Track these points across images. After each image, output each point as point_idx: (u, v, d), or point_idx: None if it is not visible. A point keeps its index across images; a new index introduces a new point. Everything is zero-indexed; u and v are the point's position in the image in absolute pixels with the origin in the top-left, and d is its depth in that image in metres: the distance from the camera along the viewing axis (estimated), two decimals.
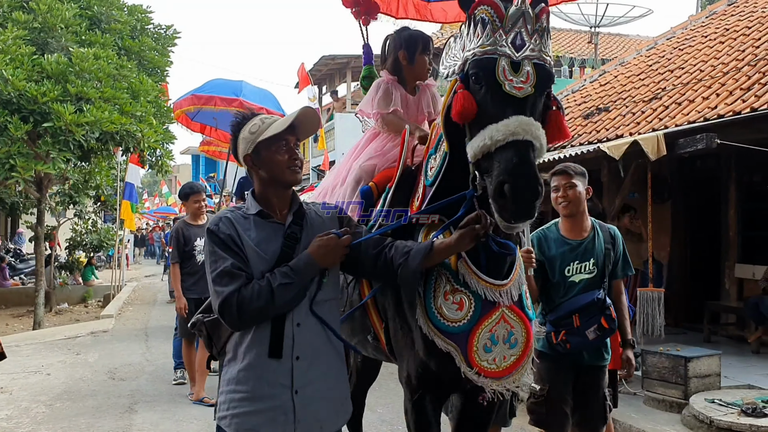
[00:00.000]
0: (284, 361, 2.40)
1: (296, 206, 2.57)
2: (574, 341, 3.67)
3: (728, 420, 5.17)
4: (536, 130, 2.37)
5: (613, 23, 16.85)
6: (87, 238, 17.99)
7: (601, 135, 8.87)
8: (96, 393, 7.22)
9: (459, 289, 2.67)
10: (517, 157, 2.30)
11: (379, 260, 2.55)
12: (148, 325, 12.04)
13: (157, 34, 14.21)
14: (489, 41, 2.44)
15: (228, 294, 2.32)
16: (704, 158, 9.39)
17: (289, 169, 2.49)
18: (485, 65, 2.43)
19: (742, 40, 9.24)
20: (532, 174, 2.30)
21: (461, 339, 2.65)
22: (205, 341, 2.65)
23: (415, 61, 3.42)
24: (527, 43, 2.44)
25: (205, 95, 9.19)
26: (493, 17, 2.43)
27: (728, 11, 11.32)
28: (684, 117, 7.69)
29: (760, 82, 7.33)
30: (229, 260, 2.37)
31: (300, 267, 2.39)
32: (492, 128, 2.35)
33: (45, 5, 11.22)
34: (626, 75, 11.27)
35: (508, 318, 2.71)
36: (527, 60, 2.43)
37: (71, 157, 11.38)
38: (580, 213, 3.79)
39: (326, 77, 23.50)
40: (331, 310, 2.58)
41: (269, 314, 2.37)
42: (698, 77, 8.84)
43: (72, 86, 10.49)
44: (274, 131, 2.45)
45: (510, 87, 2.39)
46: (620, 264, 3.89)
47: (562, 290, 3.78)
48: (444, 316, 2.66)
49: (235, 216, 2.49)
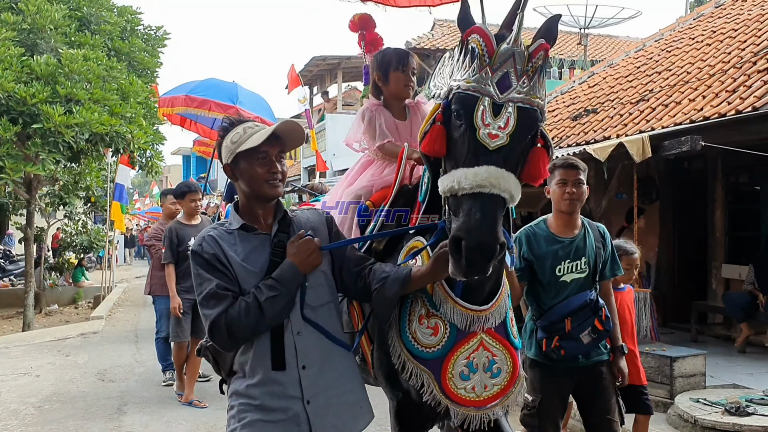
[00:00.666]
0: (290, 372, 2.34)
1: (281, 214, 2.51)
2: (568, 347, 3.51)
3: (712, 419, 5.22)
4: (506, 182, 2.26)
5: (603, 24, 16.93)
6: (77, 239, 17.94)
7: (589, 136, 8.93)
8: (85, 395, 7.22)
9: (434, 313, 2.59)
10: (479, 212, 2.20)
11: (359, 281, 2.50)
12: (138, 327, 12.02)
13: (147, 35, 14.25)
14: (474, 77, 2.32)
15: (215, 317, 2.27)
16: (692, 159, 9.48)
17: (267, 183, 2.41)
18: (466, 103, 2.32)
19: (728, 42, 9.32)
20: (491, 234, 2.19)
21: (435, 365, 2.56)
22: (213, 366, 2.59)
23: (389, 78, 3.28)
24: (514, 85, 2.30)
25: (200, 98, 8.96)
26: (483, 51, 2.31)
27: (715, 13, 11.40)
28: (670, 119, 7.76)
29: (744, 85, 7.40)
30: (214, 281, 2.31)
31: (284, 276, 2.33)
32: (461, 173, 2.27)
33: (34, 6, 11.21)
34: (614, 77, 11.35)
35: (489, 345, 2.61)
36: (511, 103, 2.30)
37: (61, 159, 11.37)
38: (578, 211, 3.67)
39: (317, 78, 23.53)
40: (329, 314, 2.50)
41: (261, 329, 2.31)
42: (685, 79, 8.91)
43: (61, 87, 10.48)
44: (253, 143, 2.36)
45: (484, 134, 2.27)
46: (609, 264, 3.74)
47: (553, 291, 3.60)
48: (418, 341, 2.59)
49: (219, 233, 2.43)
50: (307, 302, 2.41)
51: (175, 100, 9.28)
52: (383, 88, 3.34)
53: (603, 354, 3.69)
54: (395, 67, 3.26)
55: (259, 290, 2.30)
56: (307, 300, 2.41)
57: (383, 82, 3.32)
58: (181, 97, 9.19)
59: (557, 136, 10.01)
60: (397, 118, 3.32)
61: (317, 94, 24.31)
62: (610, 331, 3.60)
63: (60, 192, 15.63)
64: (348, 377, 2.49)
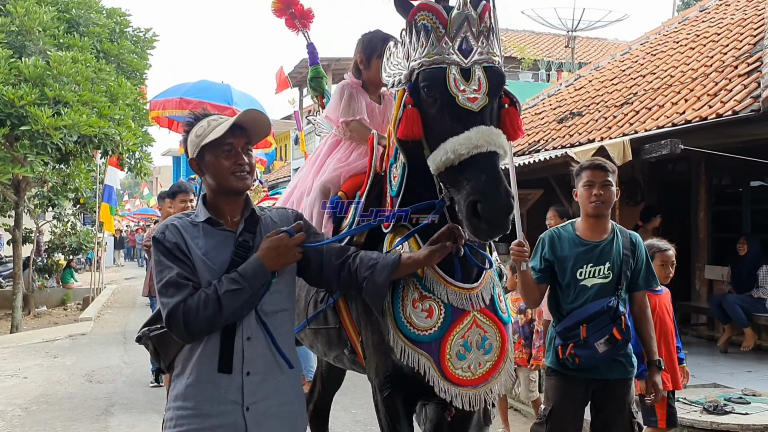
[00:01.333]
0: (234, 376, 2.28)
1: (248, 212, 2.43)
2: (582, 355, 3.29)
3: (691, 418, 5.31)
4: (498, 138, 2.31)
5: (590, 27, 17.12)
6: (66, 241, 17.93)
7: (574, 139, 9.03)
8: (72, 396, 7.26)
9: (427, 295, 2.60)
10: (485, 173, 2.23)
11: (343, 271, 2.46)
12: (126, 328, 12.04)
13: (135, 37, 14.25)
14: (435, 50, 2.37)
15: (174, 305, 2.20)
16: (676, 162, 9.59)
17: (233, 175, 2.34)
18: (435, 76, 2.36)
19: (711, 46, 9.43)
20: (503, 189, 2.23)
21: (433, 348, 2.57)
22: (153, 356, 2.53)
23: (371, 65, 3.28)
24: (474, 47, 2.37)
25: (195, 100, 8.76)
26: (435, 24, 2.36)
27: (700, 17, 11.52)
28: (654, 122, 7.86)
29: (725, 89, 7.50)
30: (175, 269, 2.25)
31: (249, 272, 2.26)
32: (454, 141, 2.29)
33: (22, 8, 11.22)
34: (600, 80, 11.46)
35: (481, 323, 2.63)
36: (477, 65, 2.36)
37: (49, 160, 11.40)
38: (606, 215, 3.45)
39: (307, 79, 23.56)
40: (283, 321, 2.43)
41: (218, 323, 2.24)
42: (669, 83, 9.02)
43: (50, 90, 10.51)
44: (215, 135, 2.31)
45: (464, 99, 2.32)
46: (642, 273, 3.49)
47: (572, 294, 3.40)
48: (414, 324, 2.59)
49: (182, 223, 2.36)
50: (263, 307, 2.35)
51: (167, 102, 9.21)
52: (364, 71, 3.34)
53: (628, 372, 3.44)
54: (380, 53, 3.20)
55: (220, 283, 2.24)
56: (263, 305, 2.35)
57: (365, 65, 3.32)
58: (174, 99, 9.11)
59: (543, 139, 10.12)
60: (374, 101, 3.36)
61: (307, 95, 24.34)
62: (629, 341, 3.37)
63: (49, 193, 15.63)
64: (288, 387, 2.42)
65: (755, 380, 6.92)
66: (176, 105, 9.03)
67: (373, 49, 3.28)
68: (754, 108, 6.58)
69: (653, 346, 3.52)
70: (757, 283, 8.14)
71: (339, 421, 5.93)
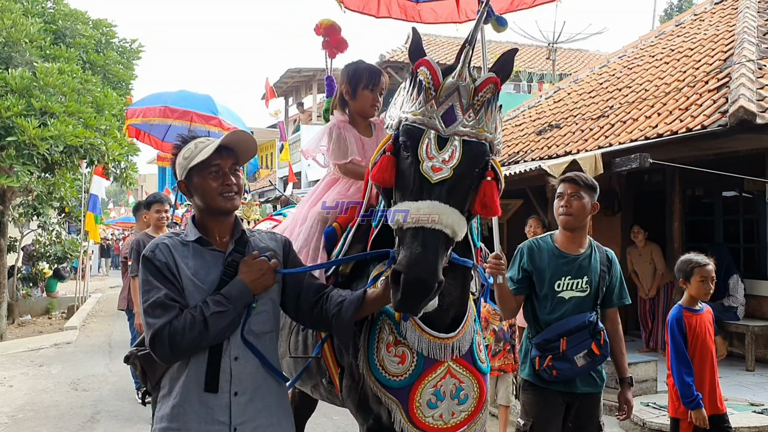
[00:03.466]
0: (221, 396, 2.29)
1: (238, 233, 2.46)
2: (561, 368, 3.33)
3: (659, 422, 5.52)
4: (447, 218, 2.25)
5: (571, 40, 17.46)
6: (51, 250, 17.92)
7: (552, 151, 9.28)
8: (58, 404, 7.36)
9: (401, 341, 2.58)
10: (420, 248, 2.19)
11: (316, 308, 2.48)
12: (111, 337, 12.12)
13: (122, 47, 14.35)
14: (421, 110, 2.34)
15: (159, 327, 2.22)
16: (651, 173, 9.84)
17: (221, 196, 2.37)
18: (413, 135, 2.35)
19: (685, 61, 9.71)
20: (428, 271, 2.16)
21: (402, 394, 2.56)
22: (140, 376, 2.53)
23: (357, 95, 3.25)
24: (459, 119, 2.31)
25: (180, 109, 8.65)
26: (429, 84, 2.33)
27: (675, 32, 11.82)
28: (627, 135, 8.12)
29: (696, 104, 7.76)
30: (163, 290, 2.27)
31: (233, 294, 2.28)
32: (405, 206, 2.29)
33: (9, 20, 11.32)
34: (579, 92, 11.73)
35: (456, 372, 2.61)
36: (456, 137, 2.30)
37: (35, 170, 11.46)
38: (580, 228, 3.46)
39: (292, 89, 23.74)
40: (270, 343, 2.47)
41: (203, 345, 2.26)
42: (643, 96, 9.29)
43: (36, 101, 10.60)
44: (202, 157, 2.34)
45: (427, 167, 2.29)
46: (616, 290, 3.54)
47: (549, 306, 3.42)
48: (386, 369, 2.58)
49: (173, 242, 2.37)
50: (251, 328, 2.37)
51: (148, 111, 8.92)
52: (350, 102, 3.29)
53: (599, 386, 3.48)
54: (365, 85, 3.22)
55: (206, 305, 2.25)
56: (251, 325, 2.36)
57: (351, 97, 3.27)
58: (157, 108, 8.83)
59: (522, 150, 10.35)
60: (362, 134, 3.30)
61: (292, 105, 24.50)
62: (606, 357, 3.41)
63: (34, 202, 15.65)
64: (276, 408, 2.43)
65: (725, 386, 7.03)
66: (160, 113, 8.77)
67: (358, 80, 3.24)
68: (722, 123, 6.83)
69: (624, 363, 3.55)
70: (728, 292, 8.39)
71: (320, 427, 6.08)
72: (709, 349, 4.15)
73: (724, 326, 8.31)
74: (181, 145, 2.46)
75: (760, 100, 7.00)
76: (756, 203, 8.90)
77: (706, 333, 4.16)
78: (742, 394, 6.71)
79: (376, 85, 3.26)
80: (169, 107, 8.72)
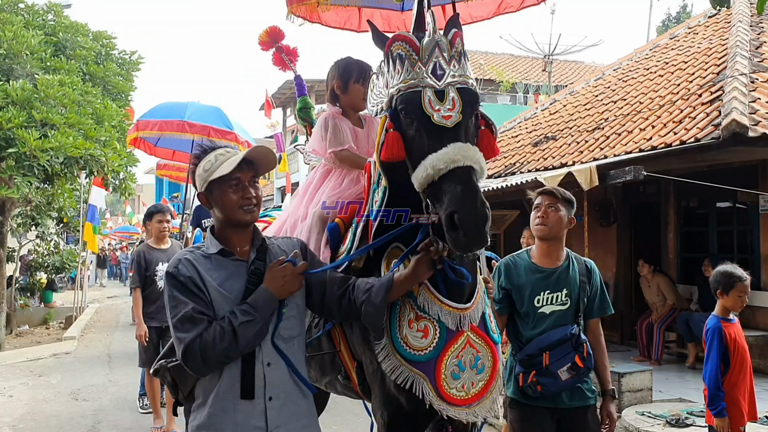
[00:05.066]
0: (257, 402, 2.34)
1: (259, 242, 2.51)
2: (545, 383, 3.28)
3: (654, 431, 5.60)
4: (474, 153, 2.41)
5: (567, 52, 17.60)
6: (49, 260, 17.96)
7: (548, 162, 9.39)
8: (59, 414, 7.39)
9: (423, 315, 2.65)
10: (461, 185, 2.32)
11: (344, 299, 2.52)
12: (111, 347, 12.15)
13: (121, 59, 14.43)
14: (410, 75, 2.51)
15: (190, 341, 2.26)
16: (646, 184, 9.96)
17: (241, 209, 2.41)
18: (411, 99, 2.49)
19: (678, 74, 9.84)
20: (478, 200, 2.31)
21: (429, 367, 2.62)
22: (170, 387, 2.56)
23: (348, 89, 3.37)
24: (447, 70, 2.50)
25: (198, 124, 8.68)
26: (409, 51, 2.51)
27: (669, 45, 11.97)
28: (622, 147, 8.23)
29: (690, 116, 7.88)
30: (190, 304, 2.30)
31: (259, 302, 2.33)
32: (433, 158, 2.38)
33: (11, 32, 11.39)
34: (574, 104, 11.86)
35: (474, 342, 2.69)
36: (450, 86, 2.47)
37: (35, 181, 11.52)
38: (557, 239, 3.45)
39: (291, 100, 23.85)
40: (299, 347, 2.52)
41: (234, 355, 2.31)
42: (638, 109, 9.41)
43: (37, 112, 10.65)
44: (224, 171, 2.38)
45: (439, 117, 2.43)
46: (597, 301, 3.51)
47: (531, 322, 3.41)
48: (410, 344, 2.63)
49: (195, 256, 2.41)
50: (280, 333, 2.41)
51: (164, 124, 8.89)
52: (341, 96, 3.40)
53: (589, 399, 3.43)
54: (356, 79, 3.35)
55: (233, 315, 2.29)
56: (280, 330, 2.41)
57: (342, 91, 3.38)
58: (175, 122, 8.81)
59: (519, 161, 10.46)
60: (355, 125, 3.40)
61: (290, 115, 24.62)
62: (591, 369, 3.39)
63: (32, 212, 15.68)
64: (306, 412, 2.49)
65: None
66: (178, 128, 8.80)
67: (349, 74, 3.37)
68: (714, 135, 6.95)
69: (607, 375, 3.51)
70: None
71: None
72: (747, 358, 4.23)
73: None
74: (201, 155, 2.50)
75: (752, 113, 7.12)
76: (750, 214, 9.02)
77: (744, 341, 4.25)
78: None
79: (367, 79, 3.35)
80: (187, 122, 8.72)
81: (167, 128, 8.81)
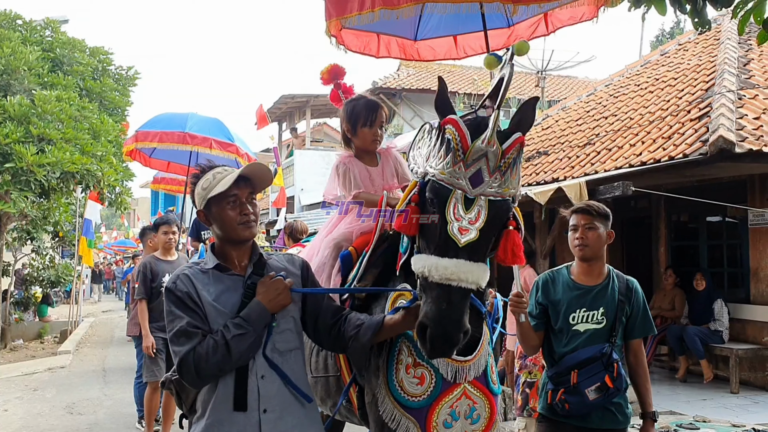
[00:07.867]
0: (251, 414, 2.37)
1: (256, 257, 2.56)
2: (572, 401, 3.18)
3: None
4: (473, 275, 2.33)
5: (560, 68, 17.75)
6: (44, 274, 17.96)
7: (540, 177, 9.50)
8: (54, 428, 7.42)
9: (420, 363, 2.67)
10: (446, 303, 2.29)
11: (334, 329, 2.57)
12: (105, 361, 12.18)
13: (118, 75, 14.54)
14: (448, 170, 2.39)
15: (184, 354, 2.33)
16: (637, 199, 10.07)
17: (240, 226, 2.47)
18: (440, 194, 2.41)
19: (669, 90, 9.98)
20: (454, 325, 2.29)
21: (420, 414, 2.65)
22: (176, 400, 2.64)
23: (357, 134, 3.40)
24: (486, 180, 2.36)
25: (200, 135, 8.46)
26: (457, 145, 2.37)
27: (660, 61, 12.12)
28: (613, 162, 8.35)
29: (678, 132, 8.00)
30: (185, 319, 2.37)
31: (252, 315, 2.38)
32: (432, 262, 2.35)
33: (8, 48, 11.51)
34: (566, 120, 11.98)
35: (470, 394, 2.71)
36: (482, 197, 2.37)
37: (31, 196, 11.58)
38: (597, 258, 3.34)
39: (286, 115, 23.97)
40: (296, 360, 2.54)
41: (228, 368, 2.36)
42: (628, 125, 9.54)
43: (34, 128, 10.74)
44: (222, 188, 2.44)
45: (455, 229, 2.35)
46: (638, 321, 3.36)
47: (564, 339, 3.32)
48: (405, 390, 2.67)
49: (193, 272, 2.48)
50: (276, 346, 2.45)
51: (165, 135, 8.60)
52: (353, 139, 3.45)
53: (620, 422, 3.32)
54: (363, 122, 3.38)
55: (226, 329, 2.34)
56: (275, 344, 2.45)
57: (352, 134, 3.43)
58: (176, 133, 8.55)
59: None
60: (367, 164, 3.45)
61: (286, 130, 24.73)
62: (621, 390, 3.25)
63: (28, 226, 15.71)
64: (307, 425, 2.50)
65: (709, 408, 7.33)
66: (179, 140, 8.51)
67: (356, 119, 3.40)
68: (702, 151, 7.07)
69: (648, 398, 3.38)
70: (713, 316, 8.58)
71: None
72: None
73: (710, 350, 8.50)
74: (200, 174, 2.57)
75: (739, 130, 7.25)
76: (739, 228, 9.13)
77: None
78: (725, 416, 6.88)
79: (375, 120, 3.40)
80: (188, 133, 8.49)
81: (168, 139, 8.58)
